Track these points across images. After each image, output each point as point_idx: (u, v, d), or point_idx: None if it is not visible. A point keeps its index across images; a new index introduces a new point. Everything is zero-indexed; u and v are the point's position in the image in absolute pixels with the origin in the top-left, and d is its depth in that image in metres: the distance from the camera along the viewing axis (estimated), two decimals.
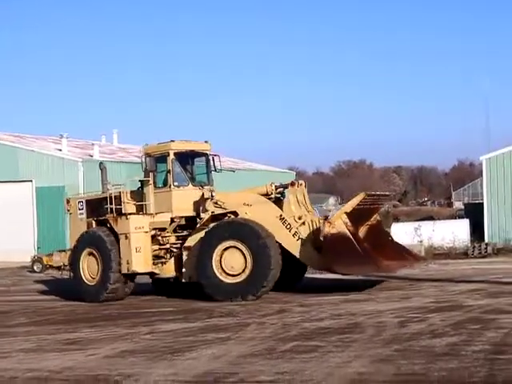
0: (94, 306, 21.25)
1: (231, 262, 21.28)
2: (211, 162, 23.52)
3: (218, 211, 22.07)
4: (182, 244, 22.43)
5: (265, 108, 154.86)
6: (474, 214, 41.98)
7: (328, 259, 20.85)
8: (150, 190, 22.78)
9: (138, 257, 22.53)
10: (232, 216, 21.92)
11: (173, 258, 22.64)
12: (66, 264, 24.97)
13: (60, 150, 44.18)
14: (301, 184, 22.63)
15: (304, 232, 21.72)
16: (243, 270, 21.18)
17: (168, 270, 22.70)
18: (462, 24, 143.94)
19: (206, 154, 23.59)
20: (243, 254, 21.25)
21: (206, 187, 22.97)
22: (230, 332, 14.55)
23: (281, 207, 22.26)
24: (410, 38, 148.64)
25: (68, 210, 25.05)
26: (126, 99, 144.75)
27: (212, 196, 22.15)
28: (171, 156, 22.63)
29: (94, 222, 23.84)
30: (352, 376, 9.96)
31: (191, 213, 22.68)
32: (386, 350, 11.79)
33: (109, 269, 22.50)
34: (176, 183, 22.76)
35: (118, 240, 22.67)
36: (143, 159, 22.94)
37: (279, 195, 22.87)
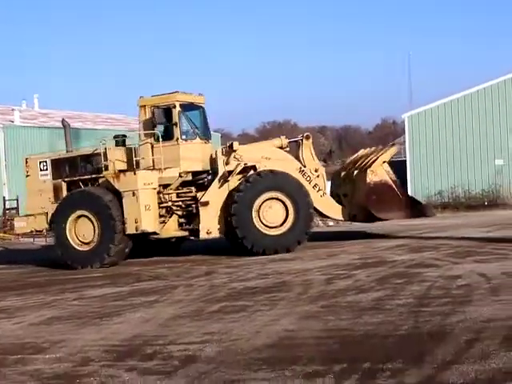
0: (23, 274, 21.00)
1: (272, 214, 21.38)
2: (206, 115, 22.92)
3: (237, 165, 21.77)
4: (188, 200, 21.87)
5: (190, 69, 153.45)
6: (397, 171, 42.61)
7: (371, 206, 22.18)
8: (159, 144, 21.76)
9: (148, 215, 21.40)
10: (252, 170, 21.83)
11: (175, 217, 21.94)
12: (38, 229, 23.87)
13: None
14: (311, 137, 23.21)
15: (321, 184, 22.45)
16: (284, 222, 21.47)
17: (169, 229, 21.92)
18: None
19: (203, 106, 22.94)
20: (285, 206, 21.47)
21: (210, 141, 22.84)
22: (158, 295, 14.55)
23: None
24: None
25: (26, 172, 23.15)
26: (47, 62, 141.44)
27: (234, 149, 21.84)
28: (177, 108, 21.88)
29: (63, 184, 22.49)
30: (280, 333, 10.06)
31: (199, 167, 22.25)
32: (313, 306, 11.94)
33: (112, 230, 21.14)
34: (184, 136, 22.13)
35: (117, 199, 21.36)
36: (143, 111, 21.99)
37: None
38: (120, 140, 23.00)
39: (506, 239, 20.08)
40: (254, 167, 21.82)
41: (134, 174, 21.49)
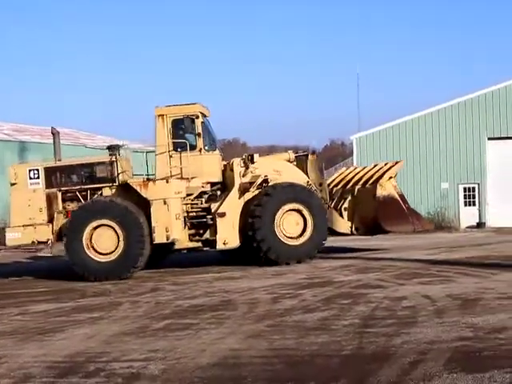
0: None
1: (291, 225, 21.87)
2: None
3: (256, 176, 22.21)
4: (200, 211, 21.85)
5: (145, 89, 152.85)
6: None
7: (380, 218, 23.48)
8: (186, 154, 21.64)
9: (178, 224, 21.27)
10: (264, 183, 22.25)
11: (187, 227, 21.71)
12: (40, 241, 21.66)
13: None
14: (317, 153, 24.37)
15: (325, 197, 23.30)
16: (303, 232, 21.99)
17: (183, 240, 21.64)
18: None
19: (207, 118, 23.01)
20: (303, 217, 21.98)
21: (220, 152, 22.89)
22: (103, 311, 14.39)
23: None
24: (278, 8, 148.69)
25: (13, 180, 21.82)
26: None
27: (254, 161, 22.14)
28: (200, 118, 21.97)
29: (59, 193, 21.61)
30: (225, 352, 10.01)
31: (217, 178, 22.49)
32: (258, 325, 11.92)
33: (139, 240, 20.56)
34: (206, 147, 22.21)
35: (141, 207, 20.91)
36: (161, 121, 21.82)
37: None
38: (116, 150, 22.34)
39: (450, 262, 20.31)
40: (266, 180, 22.33)
41: (167, 182, 21.34)
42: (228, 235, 21.82)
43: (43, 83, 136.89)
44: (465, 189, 40.06)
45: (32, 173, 21.66)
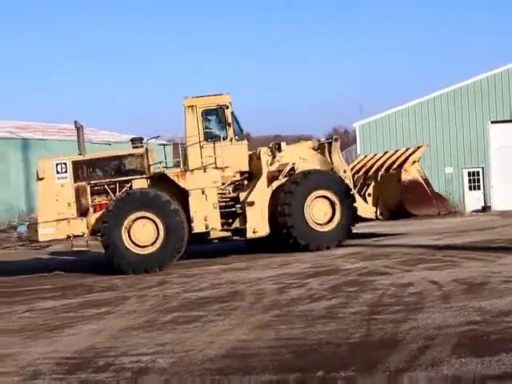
0: None
1: (320, 211, 22.28)
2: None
3: (284, 164, 22.56)
4: (228, 200, 22.10)
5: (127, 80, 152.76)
6: None
7: (406, 202, 23.94)
8: (220, 143, 21.90)
9: (215, 213, 21.54)
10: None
11: (219, 215, 21.79)
12: (76, 235, 21.20)
13: None
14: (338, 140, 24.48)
15: (350, 184, 23.61)
16: (332, 218, 22.44)
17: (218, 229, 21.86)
18: None
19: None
20: (331, 203, 22.42)
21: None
22: (110, 306, 14.42)
23: None
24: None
25: (39, 175, 21.36)
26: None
27: (282, 149, 22.51)
28: (230, 108, 22.16)
29: (88, 187, 21.48)
30: (233, 343, 10.03)
31: (246, 168, 22.74)
32: (265, 316, 11.93)
33: (179, 232, 20.67)
34: (236, 137, 22.44)
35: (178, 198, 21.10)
36: (192, 111, 21.96)
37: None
38: (140, 142, 22.49)
39: (456, 246, 20.30)
40: (293, 168, 22.64)
41: (205, 171, 21.63)
42: (257, 224, 22.19)
43: (44, 81, 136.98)
44: (469, 173, 40.01)
45: (59, 167, 21.40)
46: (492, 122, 39.58)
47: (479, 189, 39.79)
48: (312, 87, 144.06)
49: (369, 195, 24.85)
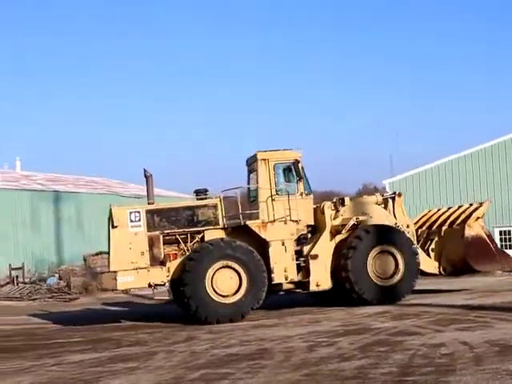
0: None
1: (383, 266, 22.52)
2: None
3: (347, 219, 22.96)
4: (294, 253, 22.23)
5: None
6: None
7: (469, 258, 24.25)
8: (294, 197, 22.39)
9: (293, 265, 22.06)
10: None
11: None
12: (157, 284, 21.30)
13: None
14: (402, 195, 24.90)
15: (413, 239, 23.96)
16: (394, 274, 22.65)
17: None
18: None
19: None
20: (394, 258, 22.66)
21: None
22: (138, 361, 14.35)
23: None
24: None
25: (112, 223, 21.32)
26: (27, 125, 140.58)
27: (345, 204, 23.05)
28: (301, 163, 22.63)
29: (161, 236, 21.42)
30: None
31: (311, 221, 23.11)
32: (295, 374, 11.81)
33: (261, 282, 21.08)
34: (306, 191, 22.90)
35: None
36: (264, 165, 22.49)
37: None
38: (202, 194, 22.78)
39: (487, 307, 20.03)
40: (357, 223, 23.01)
41: (285, 223, 22.01)
42: (320, 277, 22.50)
43: (76, 134, 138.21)
44: (500, 232, 39.72)
45: (133, 215, 21.38)
46: None
47: (511, 248, 39.42)
48: (341, 142, 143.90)
49: (432, 250, 25.19)
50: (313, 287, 22.47)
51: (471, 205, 26.08)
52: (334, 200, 23.58)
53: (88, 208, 47.12)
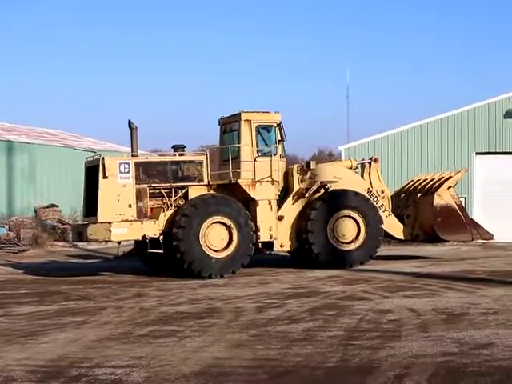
0: None
1: (344, 231, 22.73)
2: None
3: (313, 183, 22.99)
4: None
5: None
6: None
7: (437, 227, 24.46)
8: (277, 158, 22.58)
9: (276, 224, 22.39)
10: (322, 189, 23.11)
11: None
12: (151, 236, 20.77)
13: None
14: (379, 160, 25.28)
15: (386, 204, 24.29)
16: (356, 238, 22.89)
17: None
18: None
19: None
20: (356, 223, 22.84)
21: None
22: (86, 316, 14.30)
23: None
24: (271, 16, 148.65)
25: (104, 173, 20.82)
26: None
27: (311, 168, 22.97)
28: (281, 126, 22.62)
29: (146, 189, 21.20)
30: (209, 360, 9.96)
31: (282, 184, 23.20)
32: (243, 335, 11.87)
33: (250, 238, 21.37)
34: (283, 154, 23.14)
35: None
36: (247, 125, 22.31)
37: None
38: (180, 150, 22.67)
39: (435, 275, 20.28)
40: (324, 186, 23.13)
41: (272, 183, 22.30)
42: (285, 239, 22.73)
43: (31, 83, 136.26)
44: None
45: (123, 167, 21.06)
46: (477, 153, 39.76)
47: None
48: (297, 106, 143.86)
49: (407, 217, 25.36)
50: (277, 247, 22.84)
51: (451, 172, 26.29)
52: (302, 163, 23.73)
53: (41, 160, 46.55)
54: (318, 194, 23.11)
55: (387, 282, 18.97)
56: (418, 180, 27.01)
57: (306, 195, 23.00)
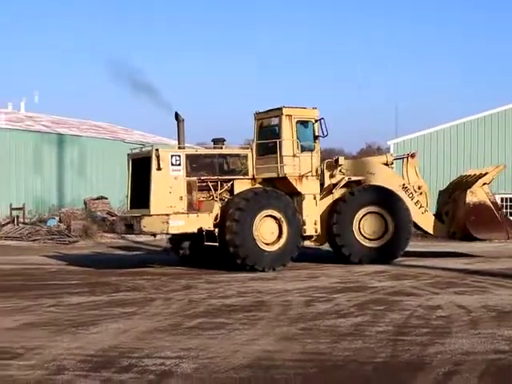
0: None
1: (371, 227, 22.66)
2: None
3: (342, 178, 23.15)
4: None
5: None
6: None
7: (470, 225, 24.03)
8: (317, 154, 22.75)
9: (319, 219, 22.61)
10: (354, 184, 23.32)
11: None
12: (207, 229, 20.83)
13: None
14: (417, 155, 25.29)
15: (423, 201, 24.06)
16: (383, 236, 22.81)
17: None
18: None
19: None
20: (384, 220, 22.80)
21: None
22: (136, 307, 14.42)
23: None
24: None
25: (158, 165, 20.91)
26: (37, 65, 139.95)
27: (340, 164, 23.09)
28: (318, 123, 22.68)
29: (196, 181, 21.39)
30: (258, 353, 9.98)
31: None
32: (291, 328, 11.87)
33: (298, 231, 21.67)
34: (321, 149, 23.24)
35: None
36: (288, 121, 22.17)
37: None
38: (220, 143, 22.94)
39: (485, 272, 20.07)
40: (358, 182, 23.30)
41: (317, 178, 22.59)
42: (313, 232, 22.73)
43: (84, 77, 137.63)
44: (502, 199, 39.64)
45: (174, 159, 21.08)
46: None
47: None
48: (347, 101, 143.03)
49: (446, 214, 25.10)
50: (308, 242, 23.17)
51: (496, 168, 25.83)
52: (332, 159, 23.64)
53: (91, 152, 47.07)
54: (349, 189, 23.13)
55: (436, 278, 18.83)
56: (467, 175, 26.52)
57: (334, 191, 23.02)
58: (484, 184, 24.55)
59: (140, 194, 21.44)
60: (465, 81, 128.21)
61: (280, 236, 21.37)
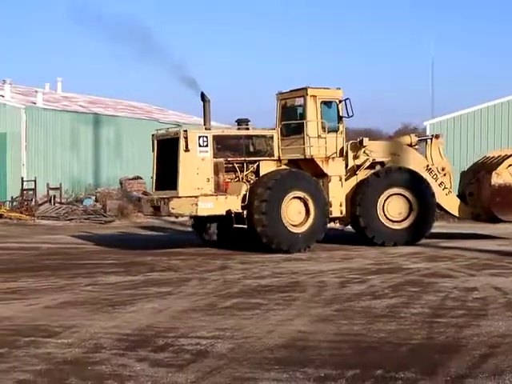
0: (35, 256, 20.97)
1: (395, 209, 22.49)
2: None
3: (366, 160, 22.90)
4: None
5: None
6: None
7: (494, 207, 23.66)
8: (342, 135, 22.61)
9: (347, 200, 22.64)
10: (378, 165, 23.10)
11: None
12: (236, 212, 20.72)
13: (2, 96, 43.39)
14: (442, 136, 24.97)
15: (447, 182, 23.87)
16: (407, 218, 22.59)
17: None
18: None
19: None
20: (409, 202, 22.60)
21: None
22: (172, 287, 14.53)
23: None
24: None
25: (186, 146, 20.72)
26: (72, 47, 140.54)
27: (364, 145, 22.81)
28: (343, 103, 22.54)
29: (223, 162, 21.25)
30: (293, 334, 10.02)
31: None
32: (326, 309, 11.89)
33: (325, 213, 21.62)
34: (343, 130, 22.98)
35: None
36: (313, 101, 22.01)
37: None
38: (244, 124, 22.79)
39: None
40: (382, 163, 23.08)
41: (343, 159, 22.47)
42: (338, 214, 22.64)
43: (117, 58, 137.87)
44: None
45: (202, 140, 20.87)
46: None
47: None
48: (381, 81, 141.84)
49: (470, 194, 24.72)
50: (334, 223, 23.41)
51: None
52: (356, 140, 23.33)
53: (126, 132, 47.31)
54: (373, 171, 22.95)
55: (472, 259, 18.72)
56: (491, 157, 25.82)
57: (357, 172, 22.82)
58: (510, 166, 24.11)
59: (167, 175, 21.30)
60: (503, 63, 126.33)
61: (307, 217, 21.32)
